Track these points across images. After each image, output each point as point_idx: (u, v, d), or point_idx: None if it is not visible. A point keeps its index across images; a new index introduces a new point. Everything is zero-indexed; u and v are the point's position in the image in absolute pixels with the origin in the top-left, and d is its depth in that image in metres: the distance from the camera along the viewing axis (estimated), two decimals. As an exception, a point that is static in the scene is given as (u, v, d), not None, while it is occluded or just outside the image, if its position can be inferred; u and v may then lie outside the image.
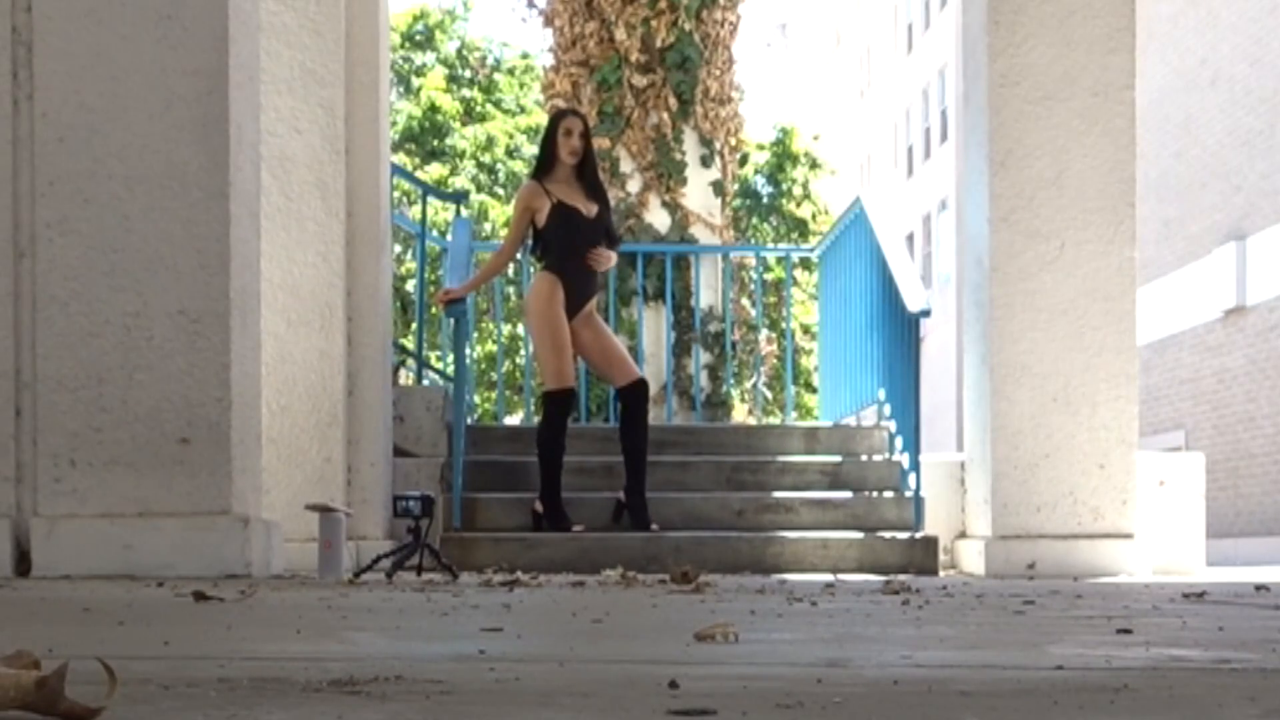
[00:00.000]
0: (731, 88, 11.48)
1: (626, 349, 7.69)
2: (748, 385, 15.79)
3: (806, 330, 21.58)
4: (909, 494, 7.69)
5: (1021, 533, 7.29)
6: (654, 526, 7.33)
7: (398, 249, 21.75)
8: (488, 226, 25.83)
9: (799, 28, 65.45)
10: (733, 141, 11.53)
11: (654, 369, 10.86)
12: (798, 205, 29.57)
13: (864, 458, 8.25)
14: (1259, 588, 5.06)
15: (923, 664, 2.06)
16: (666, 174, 11.15)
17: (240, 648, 2.26)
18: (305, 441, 6.98)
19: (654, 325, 10.87)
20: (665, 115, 11.11)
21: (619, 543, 7.26)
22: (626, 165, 11.19)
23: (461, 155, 27.51)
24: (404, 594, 4.25)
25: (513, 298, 19.78)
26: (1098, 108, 7.34)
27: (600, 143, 11.07)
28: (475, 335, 21.29)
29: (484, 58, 30.08)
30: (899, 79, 45.36)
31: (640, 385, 7.46)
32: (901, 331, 7.81)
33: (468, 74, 29.82)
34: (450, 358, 9.85)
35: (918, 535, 7.47)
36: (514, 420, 21.20)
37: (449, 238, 9.34)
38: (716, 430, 8.88)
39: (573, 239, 7.37)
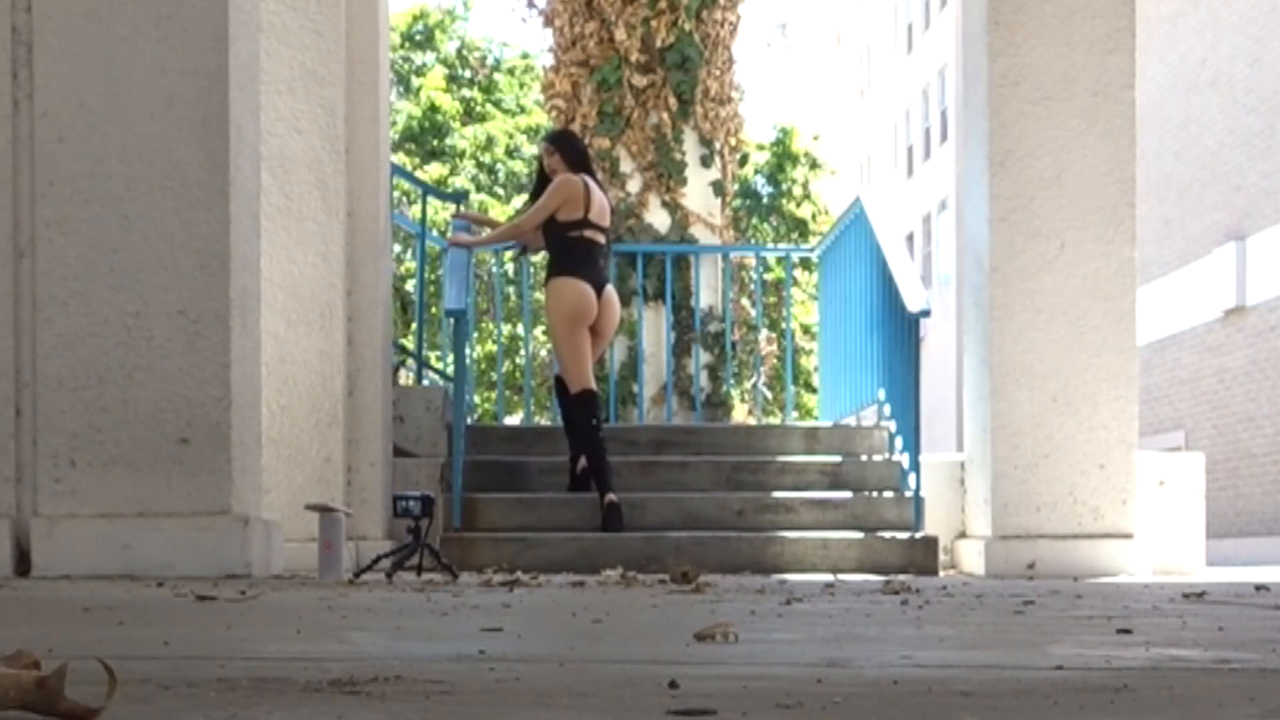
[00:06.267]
0: (731, 88, 11.47)
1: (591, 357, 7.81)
2: (748, 385, 15.79)
3: (806, 330, 21.58)
4: (909, 494, 7.69)
5: (1021, 533, 7.29)
6: (610, 497, 7.41)
7: (398, 249, 21.74)
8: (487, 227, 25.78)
9: (799, 28, 65.44)
10: (733, 141, 11.52)
11: (654, 369, 10.86)
12: (798, 205, 29.57)
13: (864, 458, 8.25)
14: (1259, 588, 5.07)
15: (923, 664, 2.06)
16: (666, 174, 11.15)
17: (240, 648, 2.26)
18: (305, 441, 6.98)
19: (654, 325, 10.86)
20: (665, 115, 11.11)
21: (619, 543, 7.26)
22: (626, 165, 11.18)
23: (461, 155, 27.52)
24: (404, 594, 4.26)
25: (512, 297, 19.78)
26: (1098, 108, 7.34)
27: (600, 143, 11.08)
28: (475, 335, 21.29)
29: (484, 58, 30.09)
30: (899, 79, 45.36)
31: (584, 394, 7.58)
32: (901, 331, 7.81)
33: (468, 74, 29.82)
34: (450, 358, 9.85)
35: (918, 535, 7.47)
36: (514, 420, 21.20)
37: (449, 238, 9.32)
38: (716, 430, 8.88)
39: (591, 249, 7.71)
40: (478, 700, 1.55)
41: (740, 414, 12.68)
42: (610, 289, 7.78)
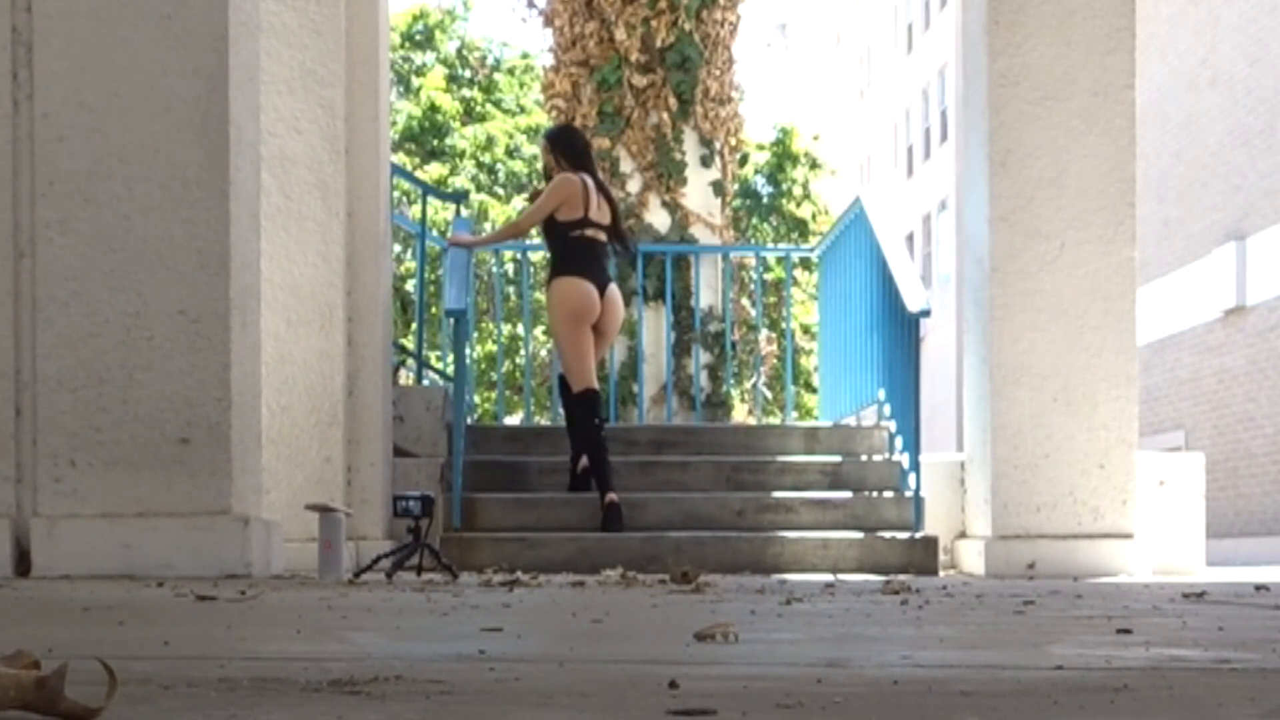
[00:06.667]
0: (731, 88, 11.47)
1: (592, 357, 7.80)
2: (748, 385, 15.79)
3: (806, 330, 21.58)
4: (909, 494, 7.69)
5: (1021, 533, 7.29)
6: (610, 497, 7.40)
7: (398, 249, 21.74)
8: (487, 226, 25.82)
9: (799, 28, 65.43)
10: (733, 141, 11.52)
11: (654, 369, 10.86)
12: (798, 205, 29.56)
13: (864, 458, 8.25)
14: (1259, 588, 5.07)
15: (923, 664, 2.06)
16: (666, 174, 11.15)
17: (240, 648, 2.26)
18: (305, 441, 6.98)
19: (654, 325, 10.86)
20: (665, 115, 11.10)
21: (619, 543, 7.26)
22: (626, 165, 11.18)
23: (461, 155, 27.51)
24: (404, 594, 4.25)
25: (512, 297, 19.78)
26: (1098, 108, 7.34)
27: (600, 143, 11.07)
28: (475, 335, 21.29)
29: (484, 58, 30.07)
30: (899, 79, 45.36)
31: (586, 394, 7.57)
32: (901, 331, 7.81)
33: (468, 74, 29.81)
34: (450, 358, 9.85)
35: (918, 535, 7.47)
36: (514, 420, 21.19)
37: (449, 237, 9.33)
38: (716, 430, 8.88)
39: (593, 248, 7.67)
40: (478, 700, 1.55)
41: (740, 414, 12.67)
42: (613, 288, 7.76)
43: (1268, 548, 19.31)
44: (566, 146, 7.84)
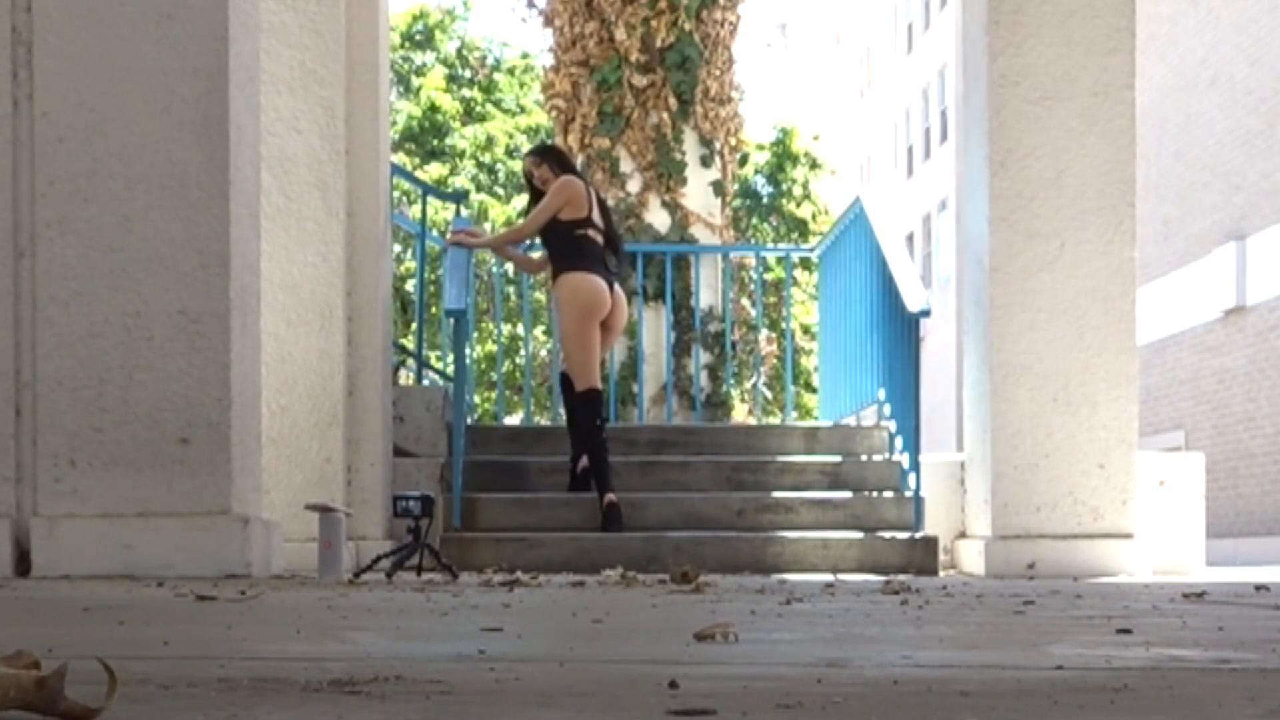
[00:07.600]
0: (731, 88, 11.48)
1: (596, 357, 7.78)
2: (748, 385, 15.80)
3: (806, 330, 21.58)
4: (909, 494, 7.69)
5: (1021, 533, 7.29)
6: (610, 497, 7.39)
7: (398, 249, 21.74)
8: (487, 226, 25.84)
9: (799, 28, 65.43)
10: (733, 141, 11.52)
11: (654, 369, 10.86)
12: (798, 205, 29.56)
13: (864, 458, 8.25)
14: (1259, 588, 5.07)
15: (923, 664, 2.06)
16: (666, 174, 11.15)
17: (240, 648, 2.26)
18: (305, 441, 6.98)
19: (654, 325, 10.87)
20: (665, 115, 11.11)
21: (619, 543, 7.26)
22: (626, 165, 11.19)
23: (461, 155, 27.52)
24: (404, 594, 4.26)
25: (512, 297, 19.78)
26: (1098, 108, 7.34)
27: (600, 143, 11.08)
28: (475, 335, 21.29)
29: (484, 58, 30.08)
30: (899, 79, 45.36)
31: (589, 393, 7.55)
32: (901, 331, 7.81)
33: (468, 74, 29.81)
34: (450, 358, 9.85)
35: (918, 535, 7.47)
36: (514, 420, 21.19)
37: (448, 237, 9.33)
38: (716, 430, 8.87)
39: (595, 248, 7.66)
40: (478, 700, 1.55)
41: (740, 414, 12.68)
42: (618, 287, 7.78)
43: (1268, 548, 19.31)
44: (556, 158, 7.92)
